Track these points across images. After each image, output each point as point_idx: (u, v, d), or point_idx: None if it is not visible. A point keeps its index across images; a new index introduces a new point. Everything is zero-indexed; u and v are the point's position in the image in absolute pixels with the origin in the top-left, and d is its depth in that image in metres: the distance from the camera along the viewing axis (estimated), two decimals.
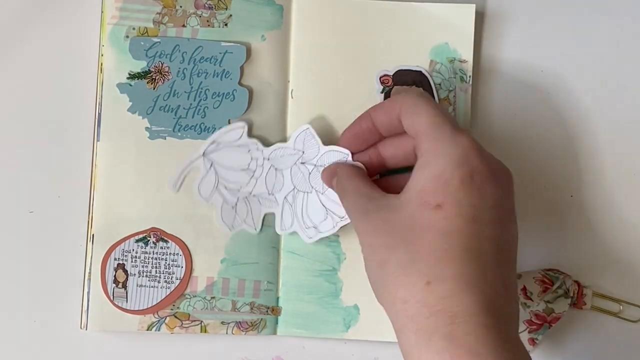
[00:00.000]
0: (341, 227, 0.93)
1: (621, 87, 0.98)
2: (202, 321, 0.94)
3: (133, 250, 0.93)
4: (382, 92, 0.96)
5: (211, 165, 0.94)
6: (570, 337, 0.96)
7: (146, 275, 0.93)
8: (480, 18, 0.98)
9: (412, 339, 0.76)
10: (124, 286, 0.93)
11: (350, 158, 0.93)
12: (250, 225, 0.94)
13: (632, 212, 0.97)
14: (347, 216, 0.91)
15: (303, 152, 0.94)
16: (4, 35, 0.97)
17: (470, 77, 0.96)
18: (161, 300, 0.93)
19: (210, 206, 0.94)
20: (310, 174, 0.94)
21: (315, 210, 0.94)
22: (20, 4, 0.98)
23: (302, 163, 0.94)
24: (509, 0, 0.98)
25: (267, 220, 0.95)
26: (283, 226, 0.94)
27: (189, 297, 0.94)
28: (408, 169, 0.85)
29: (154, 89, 0.94)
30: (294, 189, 0.94)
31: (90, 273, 0.93)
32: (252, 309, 0.94)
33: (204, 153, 0.94)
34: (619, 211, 0.97)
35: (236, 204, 0.94)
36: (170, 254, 0.94)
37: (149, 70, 0.94)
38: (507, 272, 0.78)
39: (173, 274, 0.94)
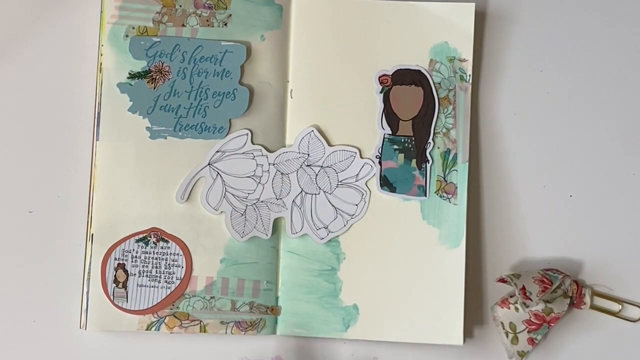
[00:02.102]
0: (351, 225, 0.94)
1: (621, 87, 0.98)
2: (201, 321, 0.94)
3: (133, 250, 0.93)
4: (381, 92, 0.96)
5: (217, 174, 0.94)
6: (569, 337, 0.96)
7: (146, 275, 0.93)
8: (481, 18, 0.98)
9: None
10: (124, 286, 0.93)
11: (358, 156, 0.94)
12: (261, 231, 0.94)
13: (631, 212, 0.97)
14: (357, 214, 0.92)
15: (308, 155, 0.94)
16: (3, 35, 0.97)
17: (470, 76, 0.96)
18: (162, 300, 0.93)
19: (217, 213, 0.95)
20: (317, 175, 0.94)
21: (325, 211, 0.94)
22: (19, 4, 0.97)
23: (308, 165, 0.94)
24: (510, 0, 0.98)
25: (277, 225, 0.95)
26: (293, 229, 0.94)
27: (188, 296, 0.93)
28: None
29: (154, 88, 0.94)
30: (301, 191, 0.94)
31: (89, 273, 0.93)
32: (251, 308, 0.94)
33: (209, 162, 0.94)
34: (618, 211, 0.97)
35: (245, 211, 0.94)
36: (170, 253, 0.94)
37: (149, 69, 0.94)
38: None
39: (173, 274, 0.93)
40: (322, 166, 0.95)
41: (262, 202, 0.95)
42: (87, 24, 0.97)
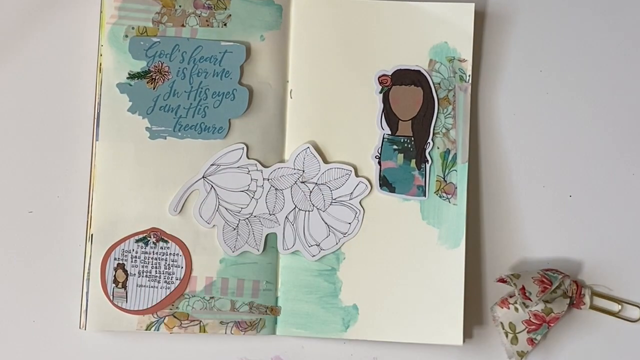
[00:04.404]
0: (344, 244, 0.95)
1: (621, 87, 0.98)
2: (201, 321, 0.94)
3: (133, 250, 0.93)
4: (380, 92, 0.96)
5: (211, 187, 0.94)
6: (569, 337, 0.96)
7: (146, 275, 0.93)
8: (480, 18, 0.98)
9: None
10: (124, 286, 0.93)
11: (353, 174, 0.94)
12: (253, 246, 0.94)
13: (631, 212, 0.97)
14: (350, 232, 0.93)
15: (303, 171, 0.95)
16: (2, 35, 0.97)
17: (469, 76, 0.96)
18: (161, 300, 0.93)
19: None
20: (311, 192, 0.94)
21: (318, 228, 0.94)
22: (18, 4, 0.98)
23: (303, 182, 0.94)
24: (509, 0, 0.98)
25: (270, 241, 0.95)
26: (285, 246, 0.94)
27: (187, 297, 0.94)
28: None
29: (153, 88, 0.94)
30: (294, 208, 0.95)
31: (89, 273, 0.93)
32: (251, 308, 0.94)
33: (203, 175, 0.94)
34: (618, 211, 0.97)
35: (237, 226, 0.94)
36: (170, 254, 0.94)
37: (148, 70, 0.94)
38: None
39: (173, 274, 0.94)
40: (316, 183, 0.95)
41: (255, 217, 0.95)
42: (86, 24, 0.97)
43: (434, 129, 0.96)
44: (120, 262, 0.93)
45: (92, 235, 0.93)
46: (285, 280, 0.95)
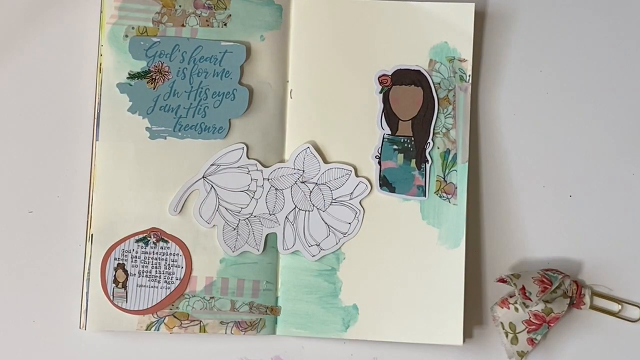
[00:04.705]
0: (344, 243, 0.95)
1: (621, 87, 0.98)
2: (201, 321, 0.94)
3: (133, 250, 0.93)
4: (380, 92, 0.96)
5: (211, 187, 0.94)
6: (569, 337, 0.96)
7: (146, 275, 0.93)
8: (480, 18, 0.98)
9: None
10: (124, 286, 0.93)
11: (353, 174, 0.94)
12: (253, 246, 0.94)
13: (631, 212, 0.97)
14: (350, 232, 0.93)
15: (303, 171, 0.95)
16: (2, 35, 0.97)
17: (469, 76, 0.96)
18: (161, 300, 0.93)
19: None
20: (311, 192, 0.94)
21: (318, 228, 0.94)
22: (18, 4, 0.98)
23: (303, 182, 0.94)
24: (509, 0, 0.98)
25: (270, 241, 0.95)
26: (285, 245, 0.94)
27: (188, 297, 0.94)
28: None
29: (154, 88, 0.94)
30: (294, 208, 0.95)
31: (89, 273, 0.93)
32: (251, 308, 0.94)
33: (203, 175, 0.94)
34: (618, 211, 0.97)
35: (237, 226, 0.94)
36: (170, 254, 0.94)
37: (149, 70, 0.94)
38: None
39: (173, 274, 0.94)
40: (316, 183, 0.95)
41: (255, 217, 0.95)
42: (86, 24, 0.97)
43: (434, 129, 0.96)
44: (121, 262, 0.93)
45: (92, 235, 0.93)
46: (285, 280, 0.95)
